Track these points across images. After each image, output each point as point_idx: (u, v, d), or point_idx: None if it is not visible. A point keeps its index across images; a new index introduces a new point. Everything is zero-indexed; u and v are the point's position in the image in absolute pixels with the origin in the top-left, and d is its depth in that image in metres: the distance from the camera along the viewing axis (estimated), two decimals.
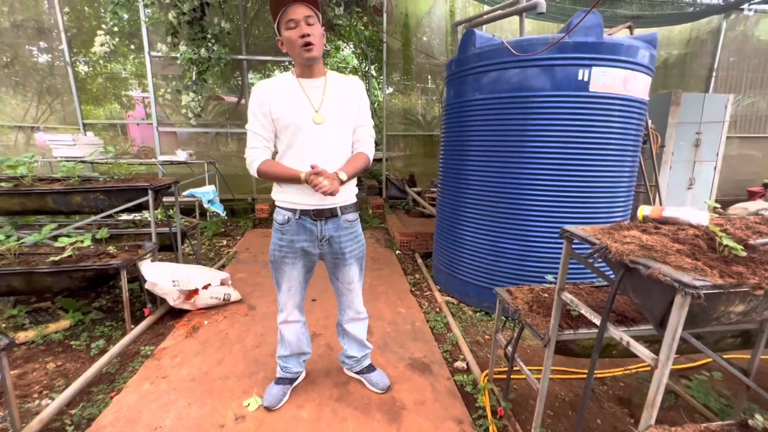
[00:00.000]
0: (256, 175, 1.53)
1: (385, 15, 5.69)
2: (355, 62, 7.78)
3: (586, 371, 2.03)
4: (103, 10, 5.37)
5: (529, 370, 1.59)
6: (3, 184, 2.55)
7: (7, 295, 2.53)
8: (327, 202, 1.55)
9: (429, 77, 6.99)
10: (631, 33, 2.96)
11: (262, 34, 6.45)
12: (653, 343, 1.45)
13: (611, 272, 1.29)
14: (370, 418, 1.72)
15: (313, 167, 1.41)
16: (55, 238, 2.60)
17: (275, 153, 1.61)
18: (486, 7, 5.49)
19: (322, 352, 2.24)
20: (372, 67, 7.22)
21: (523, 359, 2.06)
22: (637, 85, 2.38)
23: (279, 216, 1.61)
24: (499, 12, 2.86)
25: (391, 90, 6.94)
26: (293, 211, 1.56)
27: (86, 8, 5.65)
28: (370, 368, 1.97)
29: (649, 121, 3.78)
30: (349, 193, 1.62)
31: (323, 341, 2.35)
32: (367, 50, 6.83)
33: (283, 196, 1.57)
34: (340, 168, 1.52)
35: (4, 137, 5.67)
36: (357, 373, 1.98)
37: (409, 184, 6.23)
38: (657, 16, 5.61)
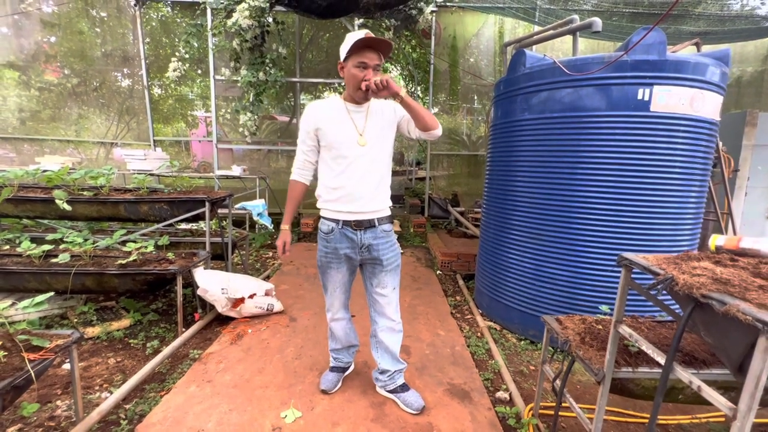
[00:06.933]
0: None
1: (433, 37, 5.80)
2: (402, 83, 7.95)
3: (646, 415, 1.85)
4: (177, 40, 5.97)
5: (581, 408, 1.47)
6: (85, 192, 2.86)
7: (80, 293, 2.79)
8: (365, 210, 1.68)
9: (475, 97, 6.97)
10: (699, 50, 2.78)
11: (314, 58, 6.83)
12: (728, 390, 1.28)
13: (677, 307, 1.18)
14: None
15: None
16: (123, 243, 2.85)
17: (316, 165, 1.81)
18: (536, 28, 5.42)
19: (359, 369, 2.22)
20: (418, 88, 7.33)
21: (573, 395, 1.91)
22: (705, 105, 2.21)
23: (324, 226, 1.76)
24: (552, 32, 2.81)
25: (436, 110, 6.99)
26: (336, 221, 1.71)
27: (164, 38, 6.33)
28: (404, 387, 1.94)
29: (720, 143, 3.46)
30: (383, 205, 1.76)
31: (361, 358, 2.33)
32: (414, 72, 6.96)
33: (329, 205, 1.72)
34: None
35: (88, 151, 6.40)
36: (390, 391, 1.94)
37: (452, 203, 6.15)
38: (728, 32, 5.22)
